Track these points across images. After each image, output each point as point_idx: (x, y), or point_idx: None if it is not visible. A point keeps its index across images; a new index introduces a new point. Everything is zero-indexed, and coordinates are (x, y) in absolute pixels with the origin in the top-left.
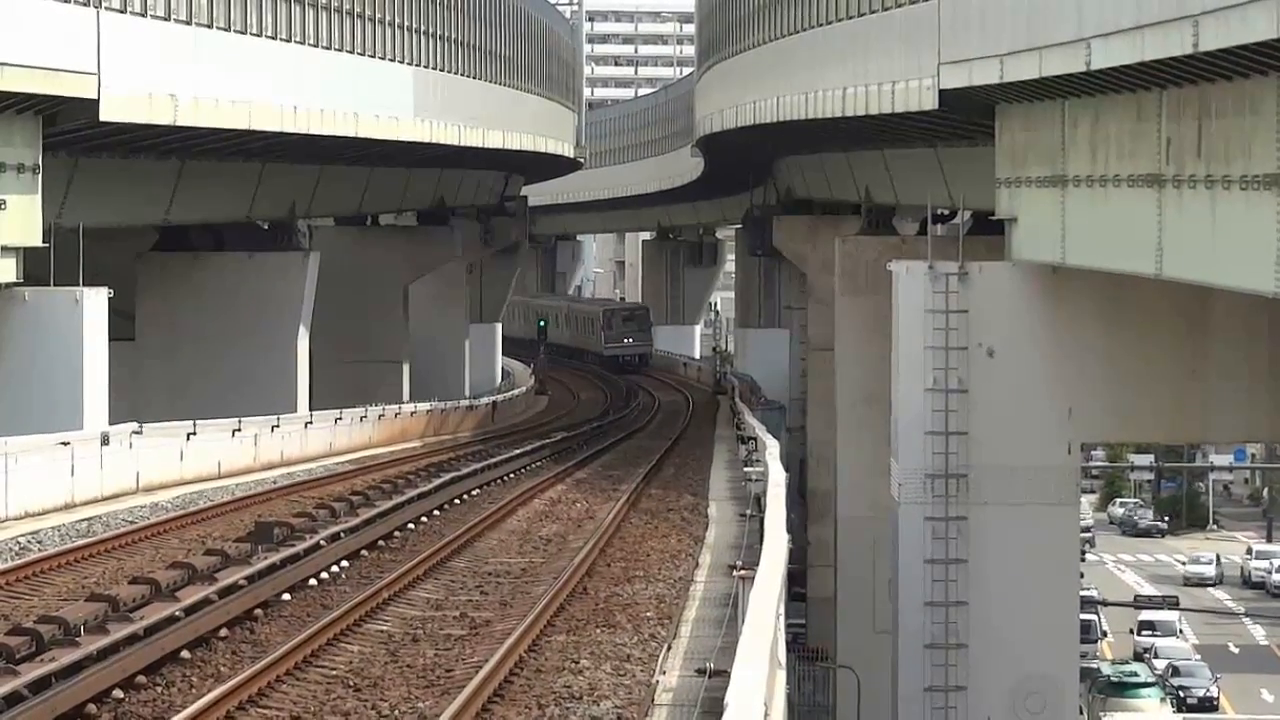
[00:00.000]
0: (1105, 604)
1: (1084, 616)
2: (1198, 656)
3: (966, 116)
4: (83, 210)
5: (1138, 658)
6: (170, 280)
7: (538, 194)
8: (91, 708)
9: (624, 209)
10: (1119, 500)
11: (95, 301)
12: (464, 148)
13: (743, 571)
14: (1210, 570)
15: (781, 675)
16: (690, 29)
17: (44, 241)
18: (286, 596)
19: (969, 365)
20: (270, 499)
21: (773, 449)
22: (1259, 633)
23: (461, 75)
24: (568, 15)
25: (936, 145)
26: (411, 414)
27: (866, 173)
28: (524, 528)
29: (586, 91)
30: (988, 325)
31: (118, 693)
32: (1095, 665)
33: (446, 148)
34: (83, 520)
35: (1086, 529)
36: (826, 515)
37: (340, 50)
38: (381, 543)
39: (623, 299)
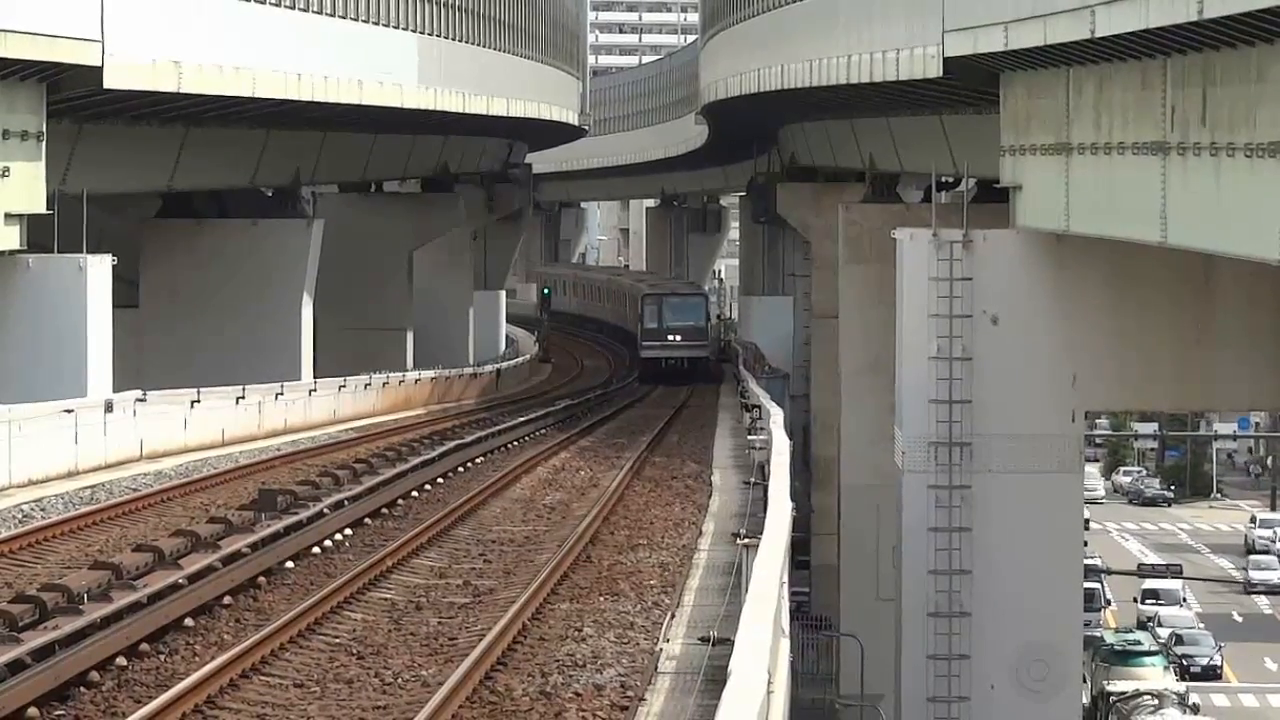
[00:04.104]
0: (1109, 572)
1: (1087, 585)
2: (1201, 625)
3: (971, 84)
4: (86, 177)
5: (1141, 626)
6: (174, 247)
7: (542, 161)
8: (95, 675)
9: (628, 176)
10: (1123, 469)
11: (99, 268)
12: (468, 115)
13: (746, 539)
14: (1275, 576)
15: (785, 643)
16: None
17: (48, 208)
18: (290, 564)
19: (973, 333)
20: (274, 466)
21: (776, 417)
22: (1262, 601)
23: (465, 42)
24: None
25: (941, 113)
26: (415, 381)
27: (871, 140)
28: (527, 495)
29: (591, 59)
30: (992, 293)
31: (121, 660)
32: (1099, 634)
33: (450, 115)
34: (86, 488)
35: (1097, 500)
36: (830, 483)
37: (344, 17)
38: (385, 510)
39: (673, 277)
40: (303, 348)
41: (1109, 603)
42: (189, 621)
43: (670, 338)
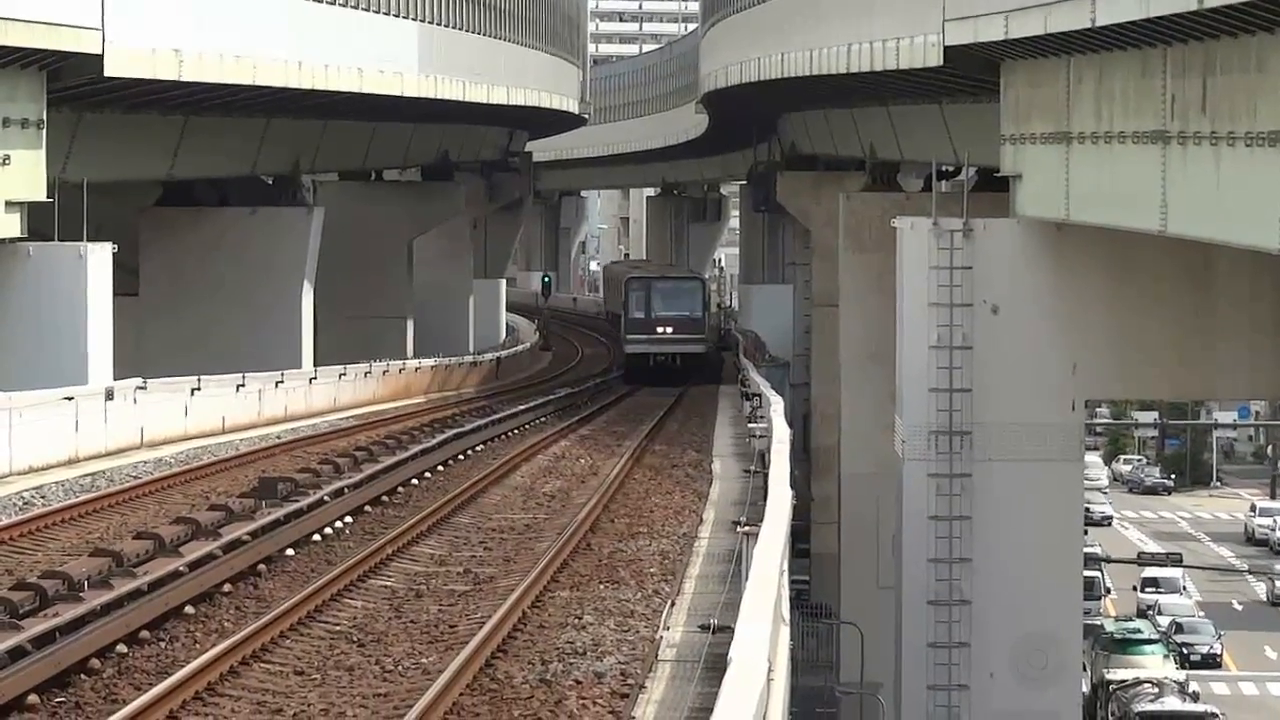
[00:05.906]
0: (1109, 561)
1: (1087, 573)
2: (1201, 613)
3: (971, 73)
4: (87, 165)
5: (1141, 615)
6: (174, 235)
7: (542, 149)
8: (95, 662)
9: (628, 165)
10: (1124, 457)
11: (99, 256)
12: (468, 103)
13: (746, 527)
14: None
15: (785, 631)
16: None
17: (48, 196)
18: (290, 552)
19: (973, 322)
20: (274, 454)
21: (777, 405)
22: (1261, 589)
23: (466, 30)
24: None
25: (941, 101)
26: (416, 370)
27: (871, 129)
28: (528, 484)
29: (591, 47)
30: (992, 282)
31: (121, 647)
32: (1099, 622)
33: (450, 103)
34: (87, 475)
35: (1103, 489)
36: (830, 471)
37: (345, 5)
38: (385, 498)
39: (671, 263)
40: (303, 336)
41: (1109, 591)
42: (189, 609)
43: (660, 330)
